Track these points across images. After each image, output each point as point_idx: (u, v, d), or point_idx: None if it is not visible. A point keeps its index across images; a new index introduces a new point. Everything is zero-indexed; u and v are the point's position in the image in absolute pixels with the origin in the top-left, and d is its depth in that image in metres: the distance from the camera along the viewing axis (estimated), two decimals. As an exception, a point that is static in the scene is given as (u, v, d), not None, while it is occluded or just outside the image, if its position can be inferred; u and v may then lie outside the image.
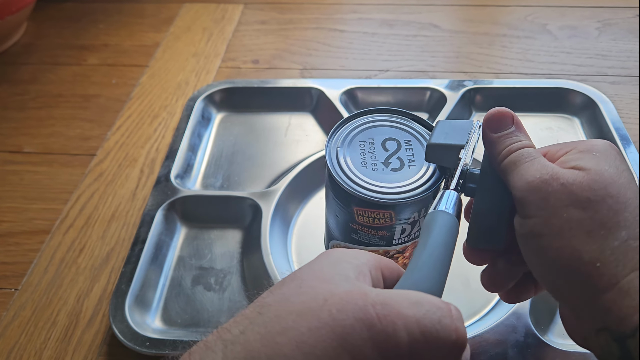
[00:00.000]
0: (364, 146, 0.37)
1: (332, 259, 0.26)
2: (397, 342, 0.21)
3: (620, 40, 0.71)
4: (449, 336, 0.22)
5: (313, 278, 0.24)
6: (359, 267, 0.25)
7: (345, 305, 0.22)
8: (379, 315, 0.22)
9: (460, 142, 0.32)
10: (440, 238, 0.27)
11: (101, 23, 0.81)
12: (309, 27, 0.78)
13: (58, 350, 0.43)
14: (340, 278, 0.24)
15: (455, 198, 0.30)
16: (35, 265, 0.49)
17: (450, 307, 0.23)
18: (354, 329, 0.21)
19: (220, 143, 0.60)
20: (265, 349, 0.21)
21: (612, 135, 0.55)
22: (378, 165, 0.36)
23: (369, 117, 0.39)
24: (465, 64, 0.69)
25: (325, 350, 0.21)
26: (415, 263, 0.26)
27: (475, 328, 0.41)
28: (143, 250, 0.47)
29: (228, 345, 0.22)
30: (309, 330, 0.21)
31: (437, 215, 0.28)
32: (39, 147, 0.61)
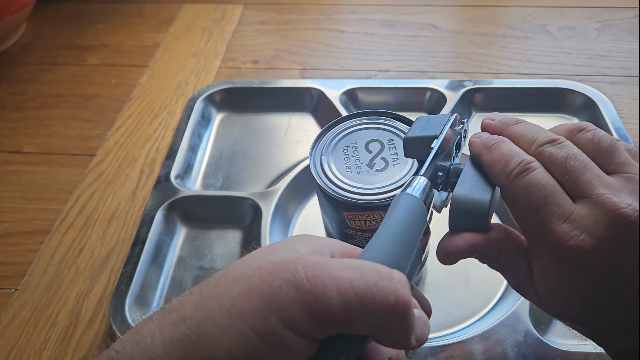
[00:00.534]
0: (347, 151, 0.37)
1: (293, 239, 0.26)
2: (327, 303, 0.20)
3: (620, 41, 0.71)
4: (386, 298, 0.21)
5: (260, 252, 0.24)
6: (317, 247, 0.25)
7: (276, 267, 0.22)
8: (308, 276, 0.21)
9: (434, 132, 0.32)
10: (399, 217, 0.26)
11: (101, 23, 0.81)
12: (309, 28, 0.78)
13: (58, 351, 0.42)
14: (287, 252, 0.24)
15: (424, 183, 0.29)
16: (35, 266, 0.49)
17: (392, 272, 0.22)
18: (281, 289, 0.21)
19: (220, 143, 0.60)
20: (197, 313, 0.21)
21: (611, 136, 0.55)
22: (363, 168, 0.36)
23: (351, 121, 0.40)
24: (465, 64, 0.69)
25: (252, 312, 0.21)
26: (371, 242, 0.25)
27: (475, 328, 0.41)
28: (143, 251, 0.47)
29: (165, 312, 0.22)
30: (239, 294, 0.21)
31: (400, 197, 0.28)
32: (39, 147, 0.61)
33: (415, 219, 0.27)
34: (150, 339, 0.21)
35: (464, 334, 0.41)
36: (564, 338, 0.41)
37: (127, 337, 0.22)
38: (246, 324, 0.21)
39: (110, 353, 0.22)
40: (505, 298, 0.44)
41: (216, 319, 0.21)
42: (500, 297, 0.44)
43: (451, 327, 0.43)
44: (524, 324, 0.41)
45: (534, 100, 0.61)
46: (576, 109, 0.60)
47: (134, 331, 0.23)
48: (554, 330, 0.42)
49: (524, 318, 0.41)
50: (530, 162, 0.28)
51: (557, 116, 0.61)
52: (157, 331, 0.22)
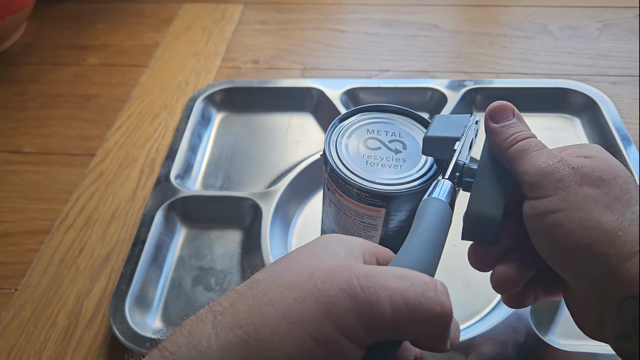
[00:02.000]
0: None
1: (326, 240, 0.27)
2: (380, 313, 0.22)
3: (621, 41, 0.71)
4: (433, 308, 0.22)
5: (303, 256, 0.25)
6: (351, 249, 0.26)
7: (330, 277, 0.22)
8: (362, 286, 0.22)
9: (456, 134, 0.32)
10: (431, 223, 0.27)
11: (101, 23, 0.81)
12: (309, 27, 0.77)
13: (58, 351, 0.42)
14: (330, 256, 0.25)
15: (449, 187, 0.30)
16: (35, 266, 0.49)
17: (436, 282, 0.23)
18: (338, 299, 0.22)
19: (220, 143, 0.60)
20: (252, 319, 0.22)
21: (612, 135, 0.54)
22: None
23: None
24: (465, 64, 0.69)
25: (310, 320, 0.21)
26: (406, 247, 0.26)
27: (476, 328, 0.41)
28: (143, 251, 0.47)
29: (217, 316, 0.23)
30: (295, 301, 0.22)
31: (429, 202, 0.29)
32: (39, 147, 0.61)
33: (445, 224, 0.28)
34: (206, 342, 0.22)
35: (465, 334, 0.41)
36: (565, 338, 0.41)
37: (180, 338, 0.23)
38: (304, 331, 0.21)
39: (165, 354, 0.22)
40: (505, 298, 0.44)
41: (274, 325, 0.22)
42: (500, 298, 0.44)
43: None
44: (525, 324, 0.41)
45: (535, 100, 0.61)
46: (577, 108, 0.60)
47: (186, 332, 0.23)
48: (555, 331, 0.41)
49: (525, 318, 0.41)
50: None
51: (558, 116, 0.60)
52: (212, 334, 0.22)
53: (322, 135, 0.60)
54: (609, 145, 0.55)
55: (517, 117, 0.32)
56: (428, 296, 0.22)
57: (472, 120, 0.33)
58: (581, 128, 0.59)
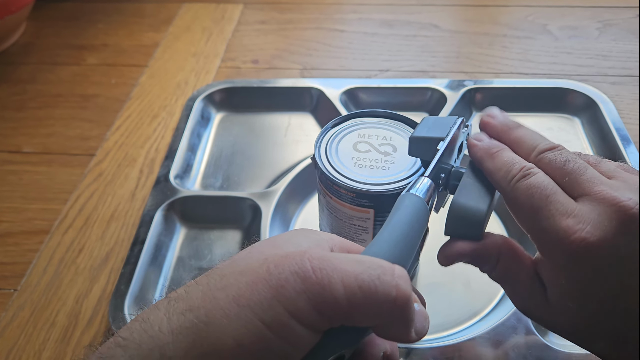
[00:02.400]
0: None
1: (292, 232, 0.27)
2: (332, 295, 0.21)
3: (621, 41, 0.71)
4: (389, 292, 0.22)
5: (264, 245, 0.25)
6: (318, 241, 0.26)
7: (283, 260, 0.22)
8: (314, 268, 0.22)
9: (440, 134, 0.32)
10: (404, 217, 0.27)
11: (100, 23, 0.81)
12: (309, 27, 0.77)
13: (57, 351, 0.42)
14: (290, 245, 0.25)
15: (428, 184, 0.29)
16: (34, 266, 0.49)
17: (394, 267, 0.23)
18: (288, 281, 0.21)
19: (219, 143, 0.60)
20: (204, 303, 0.22)
21: (612, 136, 0.54)
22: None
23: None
24: (465, 64, 0.69)
25: (260, 303, 0.21)
26: (375, 239, 0.26)
27: (476, 329, 0.41)
28: (142, 251, 0.47)
29: (172, 302, 0.23)
30: (246, 285, 0.22)
31: (405, 197, 0.28)
32: (38, 147, 0.61)
33: (419, 219, 0.28)
34: (157, 326, 0.22)
35: (464, 335, 0.41)
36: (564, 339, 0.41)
37: (134, 324, 0.23)
38: (254, 314, 0.21)
39: (117, 340, 0.22)
40: (505, 299, 0.44)
41: (224, 308, 0.21)
42: (500, 298, 0.44)
43: (452, 328, 0.42)
44: (524, 325, 0.41)
45: (534, 100, 0.61)
46: (577, 109, 0.60)
47: (140, 319, 0.23)
48: (554, 331, 0.41)
49: (524, 319, 0.41)
50: (530, 167, 0.29)
51: (558, 116, 0.60)
52: (164, 319, 0.22)
53: (322, 135, 0.60)
54: (608, 145, 0.55)
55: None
56: (383, 279, 0.22)
57: (459, 122, 0.33)
58: (581, 128, 0.59)
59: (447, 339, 0.41)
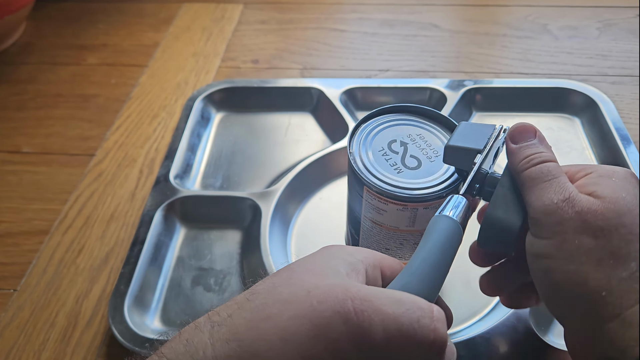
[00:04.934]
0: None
1: (327, 253, 0.27)
2: (372, 337, 0.22)
3: (621, 41, 0.71)
4: (427, 336, 0.22)
5: (304, 270, 0.25)
6: (353, 264, 0.26)
7: (326, 297, 0.23)
8: (356, 310, 0.22)
9: (478, 146, 0.31)
10: (438, 243, 0.27)
11: (100, 23, 0.81)
12: (309, 27, 0.77)
13: (57, 352, 0.42)
14: (330, 272, 0.25)
15: (463, 204, 0.29)
16: (34, 266, 0.49)
17: (433, 308, 0.23)
18: (331, 320, 0.22)
19: (219, 143, 0.60)
20: (249, 333, 0.23)
21: (612, 135, 0.54)
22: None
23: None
24: (465, 63, 0.69)
25: (302, 339, 0.22)
26: (409, 266, 0.26)
27: (476, 328, 0.41)
28: (142, 251, 0.47)
29: (215, 326, 0.23)
30: (290, 319, 0.23)
31: (439, 220, 0.28)
32: (38, 147, 0.61)
33: (453, 244, 0.28)
34: (202, 351, 0.22)
35: (464, 334, 0.41)
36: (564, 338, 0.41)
37: (178, 345, 0.23)
38: (296, 350, 0.22)
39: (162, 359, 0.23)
40: (505, 299, 0.44)
41: (268, 341, 0.22)
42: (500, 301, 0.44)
43: (451, 328, 0.42)
44: (524, 324, 0.41)
45: (534, 100, 0.61)
46: (577, 108, 0.60)
47: (184, 340, 0.23)
48: (554, 331, 0.41)
49: (524, 318, 0.41)
50: None
51: (558, 116, 0.60)
52: (208, 344, 0.23)
53: (322, 135, 0.60)
54: (608, 145, 0.55)
55: (539, 139, 0.31)
56: (423, 323, 0.22)
57: (498, 131, 0.33)
58: (581, 128, 0.59)
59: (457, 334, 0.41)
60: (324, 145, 0.58)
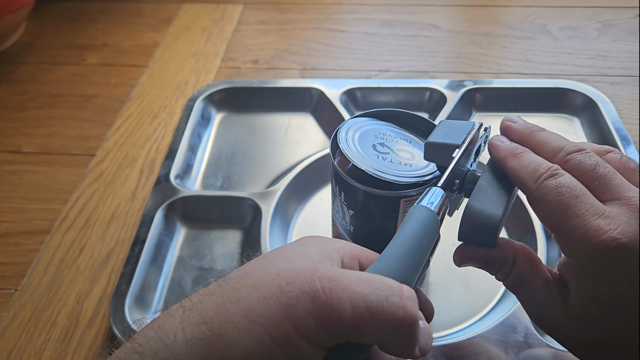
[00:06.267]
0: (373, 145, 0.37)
1: (303, 242, 0.27)
2: (340, 315, 0.22)
3: (621, 41, 0.71)
4: (396, 313, 0.22)
5: (276, 257, 0.26)
6: (328, 252, 0.26)
7: (294, 278, 0.23)
8: (324, 289, 0.22)
9: (456, 141, 0.32)
10: (414, 231, 0.27)
11: (100, 23, 0.81)
12: (309, 27, 0.77)
13: (58, 351, 0.42)
14: (302, 258, 0.25)
15: (441, 196, 0.29)
16: (35, 266, 0.49)
17: (402, 287, 0.23)
18: (299, 300, 0.22)
19: (220, 143, 0.60)
20: (217, 316, 0.23)
21: (612, 136, 0.55)
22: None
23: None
24: (465, 64, 0.69)
25: (270, 319, 0.22)
26: (384, 254, 0.26)
27: (476, 328, 0.41)
28: (143, 251, 0.47)
29: (186, 311, 0.24)
30: (258, 300, 0.23)
31: (416, 209, 0.28)
32: (38, 147, 0.61)
33: (429, 233, 0.27)
34: (172, 335, 0.23)
35: (464, 334, 0.41)
36: (564, 339, 0.41)
37: (149, 331, 0.23)
38: (264, 330, 0.22)
39: (134, 346, 0.23)
40: (505, 299, 0.44)
41: (236, 322, 0.22)
42: (500, 298, 0.44)
43: (451, 328, 0.42)
44: (524, 324, 0.41)
45: (534, 100, 0.61)
46: (577, 109, 0.60)
47: (156, 326, 0.24)
48: (554, 331, 0.42)
49: (524, 319, 0.41)
50: (558, 168, 0.29)
51: (558, 116, 0.61)
52: (179, 329, 0.23)
53: (322, 135, 0.60)
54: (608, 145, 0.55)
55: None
56: (391, 301, 0.22)
57: (476, 128, 0.33)
58: (580, 128, 0.59)
59: (447, 338, 0.41)
60: (324, 145, 0.58)
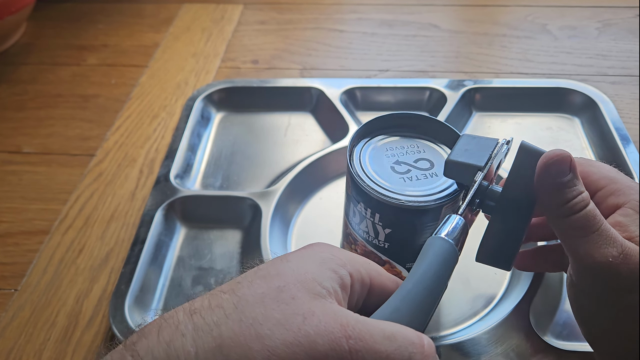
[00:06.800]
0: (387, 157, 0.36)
1: (318, 260, 0.26)
2: None
3: (621, 40, 0.71)
4: None
5: (295, 283, 0.24)
6: (342, 278, 0.26)
7: (323, 330, 0.23)
8: (351, 350, 0.22)
9: (479, 162, 0.30)
10: (433, 267, 0.26)
11: (100, 23, 0.81)
12: (309, 27, 0.77)
13: (57, 351, 0.42)
14: (322, 290, 0.24)
15: (460, 225, 0.28)
16: (35, 266, 0.49)
17: (424, 342, 0.24)
18: (327, 356, 0.22)
19: (219, 143, 0.60)
20: (237, 349, 0.22)
21: (612, 135, 0.55)
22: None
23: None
24: (465, 63, 0.69)
25: None
26: (401, 290, 0.26)
27: (476, 328, 0.41)
28: (142, 251, 0.47)
29: (199, 332, 0.22)
30: (283, 344, 0.22)
31: (435, 242, 0.27)
32: (38, 147, 0.61)
33: (446, 267, 0.27)
34: (185, 358, 0.22)
35: (464, 334, 0.41)
36: (564, 338, 0.41)
37: (157, 346, 0.22)
38: None
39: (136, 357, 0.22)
40: (505, 298, 0.44)
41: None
42: (500, 298, 0.44)
43: (451, 328, 0.42)
44: (524, 324, 0.41)
45: (534, 99, 0.61)
46: (577, 108, 0.60)
47: (164, 342, 0.22)
48: (554, 331, 0.41)
49: (524, 318, 0.41)
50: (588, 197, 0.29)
51: (558, 116, 0.61)
52: (191, 352, 0.22)
53: (322, 135, 0.60)
54: (608, 145, 0.55)
55: (573, 170, 0.29)
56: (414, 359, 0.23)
57: (499, 145, 0.32)
58: (580, 128, 0.59)
59: (447, 338, 0.41)
60: (324, 145, 0.58)
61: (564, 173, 0.28)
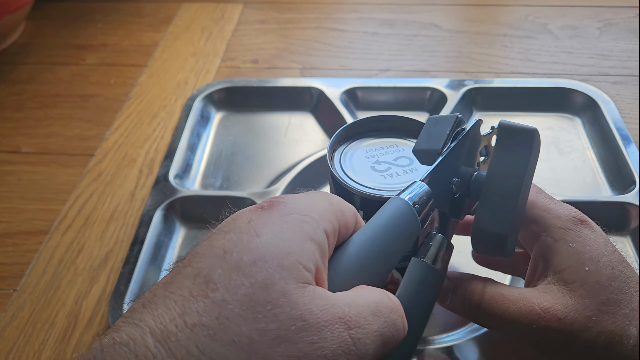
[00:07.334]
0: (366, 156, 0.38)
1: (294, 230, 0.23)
2: (364, 356, 0.22)
3: (622, 40, 0.71)
4: (400, 335, 0.24)
5: (280, 271, 0.21)
6: (322, 244, 0.24)
7: (328, 334, 0.21)
8: (353, 339, 0.22)
9: (436, 146, 0.31)
10: (382, 220, 0.27)
11: (99, 22, 0.81)
12: (309, 27, 0.77)
13: (57, 352, 0.42)
14: (307, 275, 0.22)
15: (421, 189, 0.29)
16: (34, 266, 0.48)
17: (398, 304, 0.25)
18: (335, 356, 0.21)
19: (219, 143, 0.60)
20: (243, 355, 0.19)
21: (613, 135, 0.54)
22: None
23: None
24: (465, 63, 0.69)
25: None
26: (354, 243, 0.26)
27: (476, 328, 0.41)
28: (142, 251, 0.47)
29: (196, 329, 0.19)
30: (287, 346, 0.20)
31: (391, 201, 0.28)
32: (37, 147, 0.61)
33: (398, 221, 0.27)
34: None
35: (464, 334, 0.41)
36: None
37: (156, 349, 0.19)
38: None
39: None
40: (506, 299, 0.44)
41: None
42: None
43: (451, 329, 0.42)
44: (525, 325, 0.40)
45: (535, 99, 0.61)
46: (578, 108, 0.60)
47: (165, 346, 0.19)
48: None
49: (525, 319, 0.41)
50: None
51: (559, 116, 0.60)
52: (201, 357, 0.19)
53: (322, 135, 0.60)
54: (609, 145, 0.55)
55: None
56: (398, 327, 0.24)
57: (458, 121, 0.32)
58: (582, 128, 0.59)
59: (447, 338, 0.41)
60: (324, 145, 0.58)
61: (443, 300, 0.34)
